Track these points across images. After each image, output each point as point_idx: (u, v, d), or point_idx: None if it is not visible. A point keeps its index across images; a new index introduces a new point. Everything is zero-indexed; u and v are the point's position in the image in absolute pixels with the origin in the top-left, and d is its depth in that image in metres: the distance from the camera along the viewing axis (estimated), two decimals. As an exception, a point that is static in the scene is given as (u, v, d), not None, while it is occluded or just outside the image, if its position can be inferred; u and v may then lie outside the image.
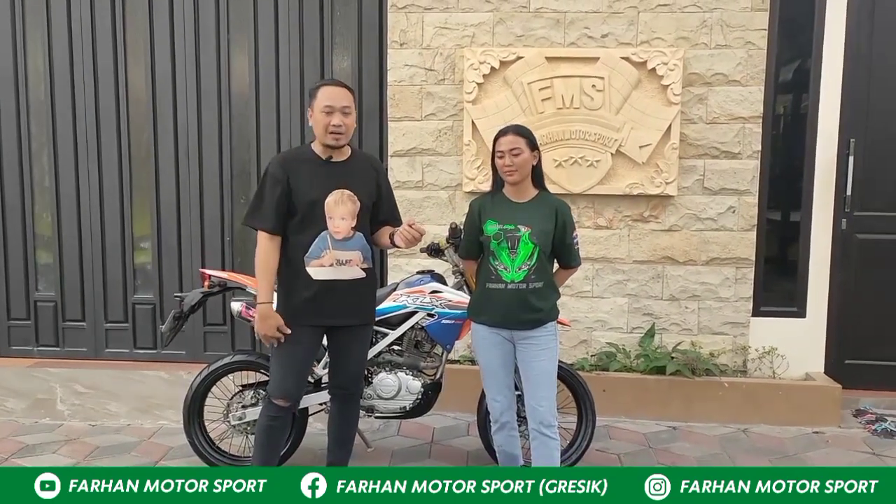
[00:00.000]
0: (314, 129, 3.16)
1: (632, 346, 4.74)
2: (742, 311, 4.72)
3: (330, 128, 3.09)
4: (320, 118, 3.10)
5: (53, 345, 5.28)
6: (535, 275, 3.20)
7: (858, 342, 4.77)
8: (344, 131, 3.12)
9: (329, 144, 3.14)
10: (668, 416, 4.51)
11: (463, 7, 4.66)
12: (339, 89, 3.15)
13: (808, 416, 4.45)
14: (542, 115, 4.61)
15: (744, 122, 4.60)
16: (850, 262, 4.74)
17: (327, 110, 3.09)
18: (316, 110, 3.11)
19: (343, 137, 3.14)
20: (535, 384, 3.27)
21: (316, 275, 3.10)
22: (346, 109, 3.10)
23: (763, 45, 4.56)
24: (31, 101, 5.13)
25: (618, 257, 4.72)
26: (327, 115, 3.09)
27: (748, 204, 4.64)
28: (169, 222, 5.13)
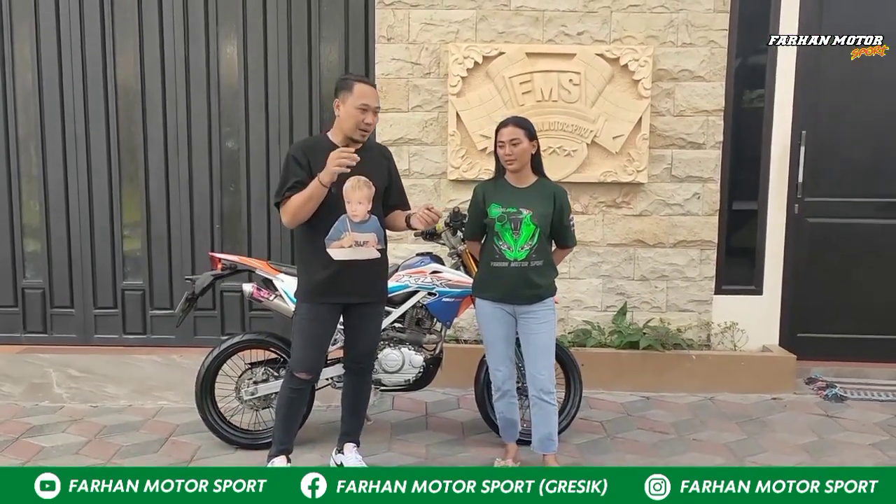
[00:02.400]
0: (343, 121, 3.34)
1: (606, 323, 5.09)
2: (706, 289, 5.11)
3: (362, 125, 3.32)
4: (354, 113, 3.30)
5: (41, 331, 5.35)
6: (536, 254, 3.50)
7: (809, 317, 5.23)
8: (371, 129, 3.37)
9: (356, 139, 3.36)
10: (641, 386, 4.87)
11: (447, 4, 4.91)
12: (374, 90, 3.39)
13: (767, 384, 4.87)
14: (523, 108, 4.89)
15: (707, 114, 4.97)
16: (801, 244, 5.18)
17: (363, 108, 3.30)
18: (350, 105, 3.30)
19: (368, 134, 3.39)
20: (536, 355, 3.57)
21: (336, 255, 3.31)
22: (377, 110, 3.37)
23: (724, 44, 4.94)
24: (18, 89, 5.18)
25: (593, 241, 5.05)
26: (362, 113, 3.30)
27: (711, 190, 5.03)
28: (158, 209, 5.25)
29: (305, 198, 3.24)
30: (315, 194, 3.23)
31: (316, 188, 3.21)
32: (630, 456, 3.95)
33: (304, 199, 3.25)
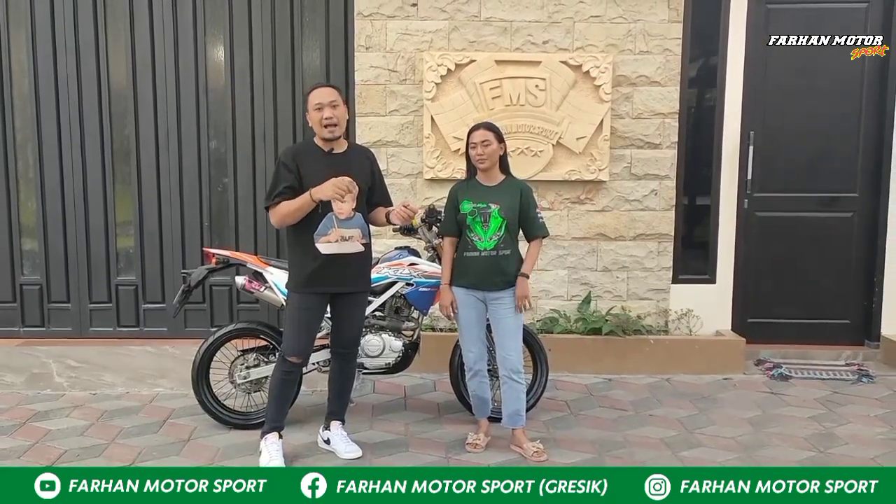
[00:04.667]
0: (313, 127, 3.72)
1: (571, 311, 5.47)
2: (664, 279, 5.51)
3: (323, 121, 3.65)
4: (314, 115, 3.67)
5: (39, 325, 5.63)
6: (503, 244, 3.88)
7: (759, 303, 5.66)
8: (336, 122, 3.67)
9: (326, 137, 3.70)
10: (604, 369, 5.26)
11: (422, 16, 5.27)
12: (325, 88, 3.74)
13: (719, 366, 5.29)
14: (493, 112, 5.26)
15: (663, 117, 5.37)
16: (751, 236, 5.61)
17: (318, 107, 3.66)
18: (309, 111, 3.68)
19: (337, 129, 3.69)
20: (505, 337, 3.95)
21: (324, 249, 3.64)
22: (333, 103, 3.67)
23: (678, 52, 5.35)
24: (16, 95, 5.45)
25: (559, 234, 5.43)
26: (318, 111, 3.65)
27: (668, 187, 5.43)
28: (150, 208, 5.55)
29: (295, 208, 3.59)
30: (304, 207, 3.59)
31: (306, 202, 3.57)
32: (591, 431, 4.33)
33: (294, 209, 3.60)
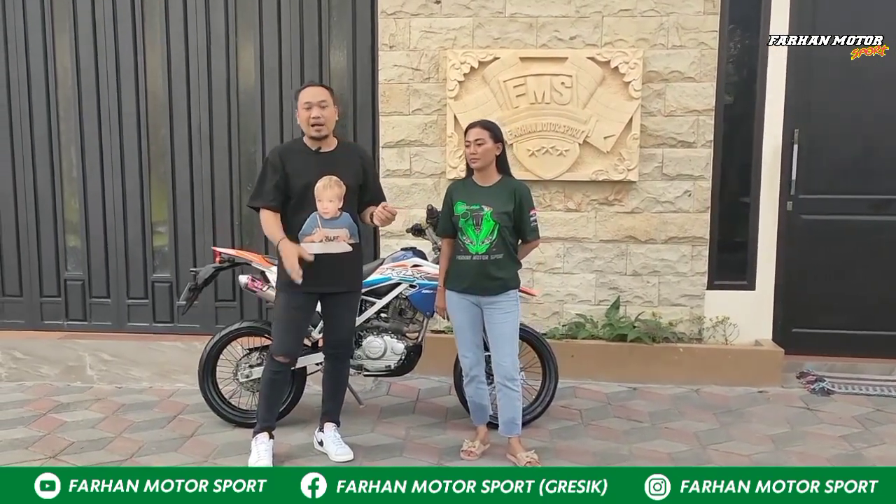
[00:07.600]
0: (301, 125, 3.73)
1: (599, 317, 5.27)
2: (698, 284, 5.24)
3: (311, 120, 3.65)
4: (303, 114, 3.67)
5: (81, 319, 5.87)
6: (496, 248, 3.75)
7: (803, 312, 5.30)
8: (323, 122, 3.66)
9: (313, 136, 3.69)
10: (629, 378, 5.04)
11: (446, 13, 5.19)
12: (315, 88, 3.73)
13: (754, 377, 4.98)
14: (517, 110, 5.13)
15: (698, 114, 5.10)
16: (794, 240, 5.26)
17: (306, 106, 3.66)
18: (299, 109, 3.69)
19: (324, 128, 3.68)
20: (499, 343, 3.83)
21: (309, 249, 3.63)
22: (322, 103, 3.66)
23: (714, 46, 5.07)
24: (60, 99, 5.71)
25: (585, 237, 5.25)
26: (307, 110, 3.65)
27: (702, 188, 5.16)
28: (184, 208, 5.70)
29: (267, 232, 3.72)
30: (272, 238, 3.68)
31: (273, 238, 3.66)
32: (597, 442, 4.15)
33: (266, 231, 3.72)
